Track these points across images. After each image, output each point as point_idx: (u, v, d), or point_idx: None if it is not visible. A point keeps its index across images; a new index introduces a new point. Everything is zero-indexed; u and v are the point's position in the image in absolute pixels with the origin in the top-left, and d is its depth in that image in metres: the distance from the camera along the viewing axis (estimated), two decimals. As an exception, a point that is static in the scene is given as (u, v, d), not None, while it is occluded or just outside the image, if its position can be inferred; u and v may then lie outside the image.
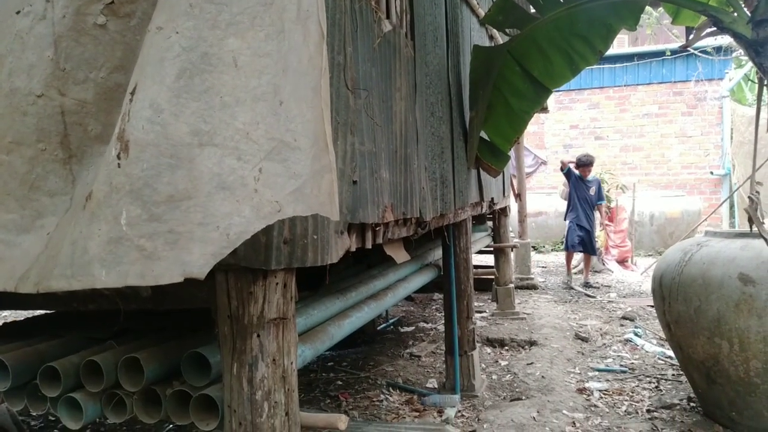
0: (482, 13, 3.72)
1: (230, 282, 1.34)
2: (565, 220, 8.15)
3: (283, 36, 1.19)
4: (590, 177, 7.96)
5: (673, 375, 4.09)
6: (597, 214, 8.16)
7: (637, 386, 3.94)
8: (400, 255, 2.56)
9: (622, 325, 5.58)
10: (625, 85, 12.47)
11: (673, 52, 11.53)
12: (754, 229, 2.81)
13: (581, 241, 7.81)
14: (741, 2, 2.78)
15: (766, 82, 2.76)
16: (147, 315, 1.95)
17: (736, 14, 2.76)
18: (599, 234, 8.67)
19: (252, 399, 1.36)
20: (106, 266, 1.09)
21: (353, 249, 1.74)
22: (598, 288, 7.54)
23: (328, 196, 1.27)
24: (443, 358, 3.97)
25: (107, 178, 1.11)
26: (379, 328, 5.60)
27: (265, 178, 1.18)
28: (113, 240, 1.09)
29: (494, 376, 4.19)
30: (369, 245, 1.89)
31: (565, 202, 8.34)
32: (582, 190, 7.91)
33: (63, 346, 1.73)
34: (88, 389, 1.56)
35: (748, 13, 2.72)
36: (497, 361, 4.57)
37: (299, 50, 1.22)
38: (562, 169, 8.09)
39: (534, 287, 7.50)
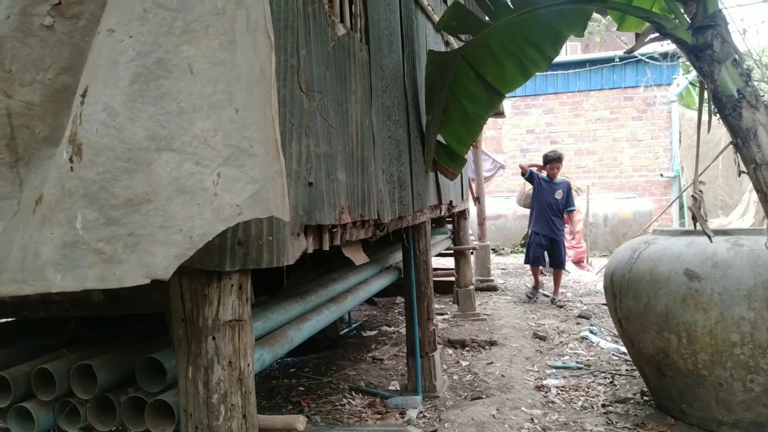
0: (437, 19, 3.78)
1: (184, 284, 1.33)
2: (528, 230, 7.22)
3: (235, 46, 1.21)
4: (558, 179, 6.88)
5: (627, 370, 4.23)
6: (567, 224, 7.22)
7: (593, 382, 4.05)
8: (358, 257, 2.58)
9: (578, 323, 5.73)
10: (578, 91, 12.84)
11: (622, 58, 11.93)
12: (699, 226, 2.93)
13: (543, 255, 6.90)
14: (681, 9, 2.89)
15: (706, 86, 2.88)
16: (100, 322, 1.92)
17: (677, 21, 2.88)
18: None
19: (208, 402, 1.35)
20: (61, 270, 1.07)
21: (310, 250, 1.75)
22: (563, 306, 6.57)
23: (281, 199, 1.29)
24: (405, 361, 4.00)
25: (59, 182, 1.09)
26: (341, 332, 5.59)
27: (224, 183, 1.21)
28: (68, 244, 1.08)
29: (455, 377, 4.24)
30: (326, 247, 1.90)
31: (522, 209, 7.42)
32: (547, 193, 6.81)
33: (12, 354, 1.69)
34: (40, 398, 1.52)
35: (689, 19, 2.84)
36: (458, 362, 4.63)
37: (251, 60, 1.24)
38: (523, 174, 7.13)
39: (494, 289, 7.62)
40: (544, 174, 6.91)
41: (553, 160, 6.81)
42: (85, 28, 1.24)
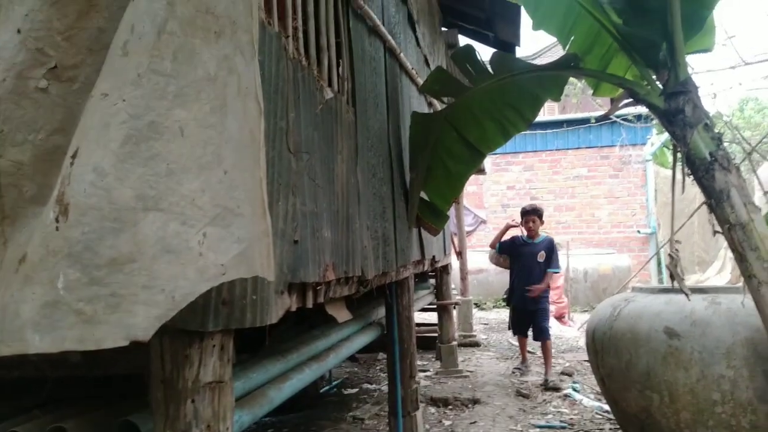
0: (421, 82, 3.91)
1: (164, 345, 1.32)
2: (507, 297, 6.15)
3: (226, 110, 1.25)
4: (540, 237, 5.86)
5: (611, 429, 4.17)
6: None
7: (577, 442, 3.99)
8: (341, 314, 2.57)
9: (561, 380, 5.68)
10: (556, 149, 13.20)
11: (597, 119, 12.35)
12: (677, 284, 2.98)
13: (527, 327, 5.89)
14: (654, 76, 3.03)
15: (679, 149, 2.99)
16: (76, 382, 1.86)
17: (650, 87, 3.01)
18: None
19: (185, 468, 1.31)
20: (40, 331, 1.06)
21: (294, 308, 1.74)
22: (559, 389, 5.29)
23: (266, 258, 1.31)
24: (387, 420, 3.91)
25: (43, 241, 1.10)
26: (321, 390, 5.47)
27: (210, 243, 1.22)
28: (48, 304, 1.07)
29: (438, 437, 4.15)
30: (310, 304, 1.90)
31: (496, 267, 6.33)
32: (528, 258, 5.74)
33: (-19, 417, 1.62)
34: (8, 463, 1.46)
35: (661, 86, 2.97)
36: (441, 421, 4.53)
37: (241, 124, 1.29)
38: (493, 247, 6.16)
39: (476, 344, 7.56)
40: (522, 233, 6.00)
41: (527, 213, 5.84)
42: (79, 91, 1.27)
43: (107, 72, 1.18)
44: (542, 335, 5.72)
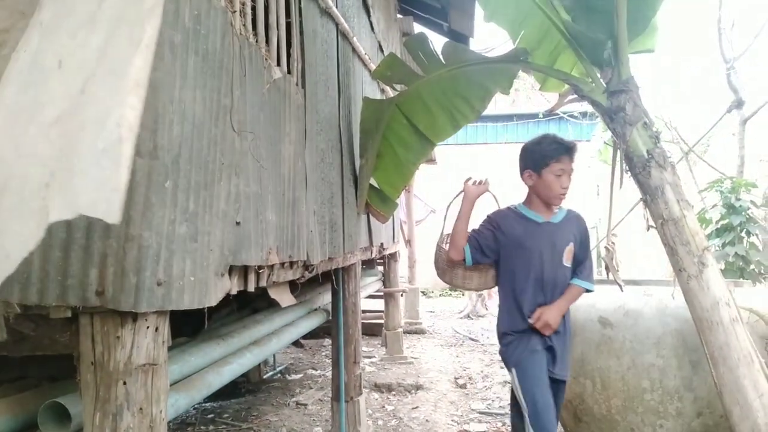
0: (374, 67, 3.89)
1: (95, 325, 1.27)
2: (504, 357, 2.82)
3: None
4: (560, 211, 2.81)
5: (547, 415, 4.32)
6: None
7: (514, 427, 4.11)
8: (285, 298, 2.54)
9: (502, 367, 5.83)
10: (506, 142, 13.45)
11: (545, 114, 12.65)
12: (611, 276, 3.09)
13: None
14: (598, 74, 3.11)
15: (619, 146, 3.08)
16: (2, 362, 1.78)
17: (594, 84, 3.08)
18: None
19: (115, 451, 1.27)
20: None
21: (234, 291, 1.71)
22: None
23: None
24: (330, 406, 3.93)
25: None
26: (265, 376, 5.43)
27: None
28: None
29: (380, 422, 4.20)
30: (252, 288, 1.87)
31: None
32: (539, 248, 2.69)
33: None
34: (-77, 448, 1.39)
35: (604, 84, 3.05)
36: (384, 407, 4.58)
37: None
38: (458, 255, 2.77)
39: (422, 332, 7.67)
40: (516, 204, 2.88)
41: (566, 151, 2.73)
42: (8, 57, 1.20)
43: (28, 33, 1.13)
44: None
